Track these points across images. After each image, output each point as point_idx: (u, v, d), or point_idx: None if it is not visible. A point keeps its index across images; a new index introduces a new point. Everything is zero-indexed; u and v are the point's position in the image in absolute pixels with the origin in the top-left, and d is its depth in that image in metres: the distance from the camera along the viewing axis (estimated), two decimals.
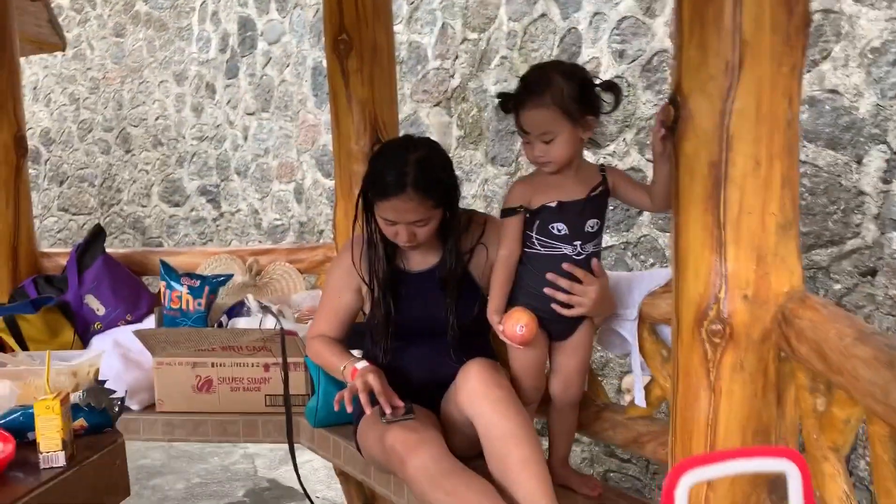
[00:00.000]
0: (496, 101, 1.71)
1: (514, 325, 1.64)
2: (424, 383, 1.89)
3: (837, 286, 2.83)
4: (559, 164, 1.63)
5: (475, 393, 1.67)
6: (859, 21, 2.69)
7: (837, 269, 2.83)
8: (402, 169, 1.71)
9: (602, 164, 1.72)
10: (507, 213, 1.69)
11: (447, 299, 1.85)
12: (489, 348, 1.94)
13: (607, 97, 1.64)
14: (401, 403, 1.72)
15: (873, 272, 2.73)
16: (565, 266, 1.66)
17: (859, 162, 2.73)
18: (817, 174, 2.81)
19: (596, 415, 1.89)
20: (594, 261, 1.68)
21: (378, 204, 1.76)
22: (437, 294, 1.86)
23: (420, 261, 1.89)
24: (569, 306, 1.68)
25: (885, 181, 2.67)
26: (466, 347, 1.85)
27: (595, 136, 1.68)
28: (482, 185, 4.20)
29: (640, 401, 1.78)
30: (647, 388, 1.79)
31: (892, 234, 2.65)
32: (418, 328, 1.89)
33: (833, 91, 2.77)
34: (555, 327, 1.72)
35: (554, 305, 1.68)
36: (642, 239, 3.52)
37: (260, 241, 5.81)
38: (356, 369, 1.80)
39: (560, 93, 1.60)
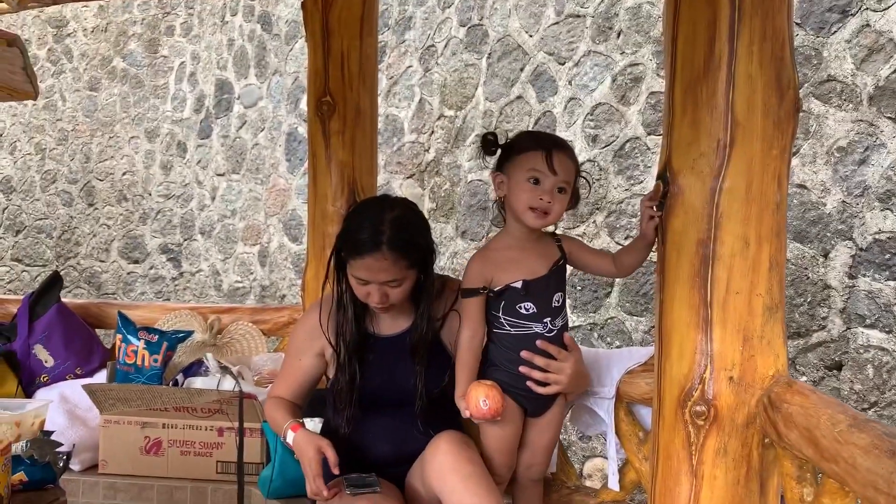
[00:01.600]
0: (483, 139, 1.65)
1: (476, 402, 1.57)
2: (389, 456, 1.80)
3: (804, 378, 2.83)
4: (554, 220, 1.60)
5: (445, 468, 1.59)
6: (827, 121, 2.79)
7: (804, 361, 2.84)
8: (377, 227, 1.67)
9: (556, 234, 1.69)
10: (467, 293, 1.62)
11: (416, 367, 1.78)
12: (458, 420, 1.87)
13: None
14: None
15: (839, 366, 2.74)
16: (539, 343, 1.61)
17: (826, 256, 2.78)
18: (785, 266, 2.85)
19: (567, 497, 1.82)
20: (566, 335, 1.64)
21: (351, 262, 1.71)
22: (406, 361, 1.80)
23: (390, 325, 1.83)
24: (544, 384, 1.62)
25: (851, 276, 2.71)
26: (435, 419, 1.77)
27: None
28: (451, 258, 4.19)
29: (614, 484, 1.72)
30: (622, 471, 1.73)
31: (858, 329, 2.68)
32: (384, 397, 1.81)
33: (801, 186, 2.84)
34: (530, 404, 1.67)
35: (529, 384, 1.62)
36: (609, 321, 3.51)
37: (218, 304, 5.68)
38: (299, 425, 1.73)
39: (575, 157, 1.61)
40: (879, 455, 0.93)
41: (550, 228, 1.67)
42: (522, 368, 1.61)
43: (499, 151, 1.64)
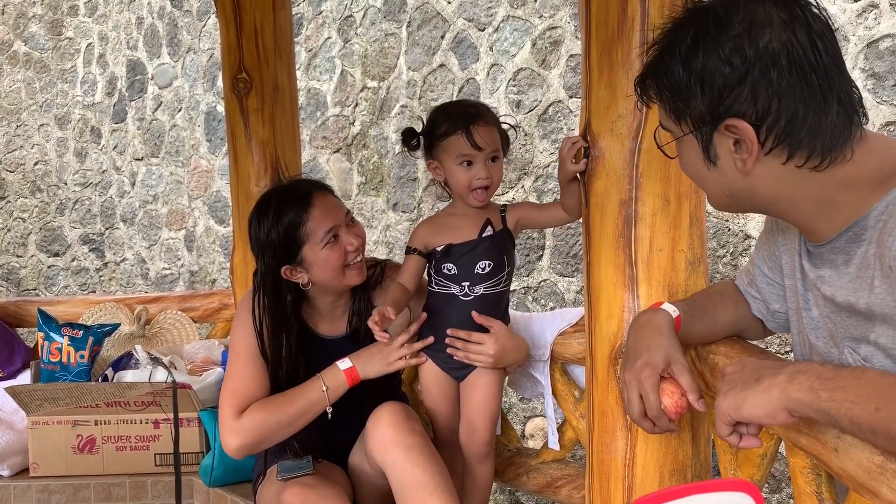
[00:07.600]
0: (403, 137, 1.68)
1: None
2: (334, 445, 1.78)
3: None
4: (496, 187, 1.61)
5: (386, 440, 1.59)
6: None
7: None
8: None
9: (504, 204, 1.69)
10: (407, 250, 1.70)
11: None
12: (401, 392, 1.87)
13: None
14: (393, 316, 1.59)
15: None
16: (450, 331, 1.64)
17: None
18: (707, 219, 2.93)
19: (508, 460, 1.85)
20: (473, 312, 1.63)
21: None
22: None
23: (331, 326, 1.77)
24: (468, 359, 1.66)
25: None
26: (379, 395, 1.75)
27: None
28: (384, 231, 4.16)
29: (554, 444, 1.75)
30: (560, 431, 1.76)
31: None
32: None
33: None
34: (451, 369, 1.69)
35: (456, 357, 1.66)
36: (542, 283, 3.56)
37: (146, 292, 5.51)
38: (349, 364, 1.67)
39: (495, 118, 1.64)
40: None
41: (501, 200, 1.69)
42: (449, 342, 1.65)
43: (421, 140, 1.66)
